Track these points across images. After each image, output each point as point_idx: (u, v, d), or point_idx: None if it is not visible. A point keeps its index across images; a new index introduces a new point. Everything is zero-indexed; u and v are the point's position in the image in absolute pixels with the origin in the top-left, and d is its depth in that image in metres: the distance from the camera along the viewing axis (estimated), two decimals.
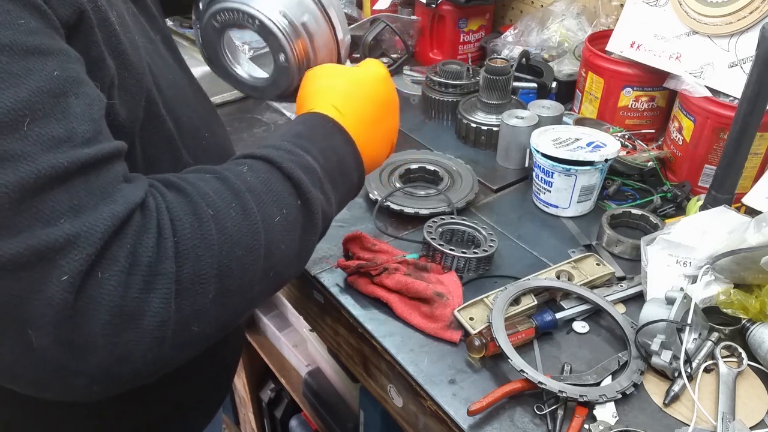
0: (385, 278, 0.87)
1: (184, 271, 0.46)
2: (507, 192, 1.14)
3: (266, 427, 1.77)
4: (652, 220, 1.01)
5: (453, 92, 1.33)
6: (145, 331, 0.45)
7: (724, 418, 0.72)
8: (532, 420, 0.73)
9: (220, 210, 0.50)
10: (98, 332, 0.43)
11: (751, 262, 0.80)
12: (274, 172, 0.55)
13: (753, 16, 1.01)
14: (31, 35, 0.42)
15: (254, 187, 0.53)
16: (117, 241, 0.44)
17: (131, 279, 0.44)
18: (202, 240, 0.48)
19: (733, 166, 0.91)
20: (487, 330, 0.80)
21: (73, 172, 0.42)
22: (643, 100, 1.19)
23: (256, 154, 0.56)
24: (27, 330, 0.41)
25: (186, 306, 0.47)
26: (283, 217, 0.55)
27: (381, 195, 1.04)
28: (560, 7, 1.41)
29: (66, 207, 0.42)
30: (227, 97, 1.39)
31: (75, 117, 0.43)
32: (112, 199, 0.44)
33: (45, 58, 0.42)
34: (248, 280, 0.52)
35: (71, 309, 0.42)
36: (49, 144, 0.41)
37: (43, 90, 0.42)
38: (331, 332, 0.99)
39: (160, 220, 0.47)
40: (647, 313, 0.80)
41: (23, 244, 0.40)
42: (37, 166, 0.40)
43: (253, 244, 0.52)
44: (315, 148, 0.60)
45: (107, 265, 0.43)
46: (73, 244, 0.41)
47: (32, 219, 0.40)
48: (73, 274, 0.41)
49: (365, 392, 1.25)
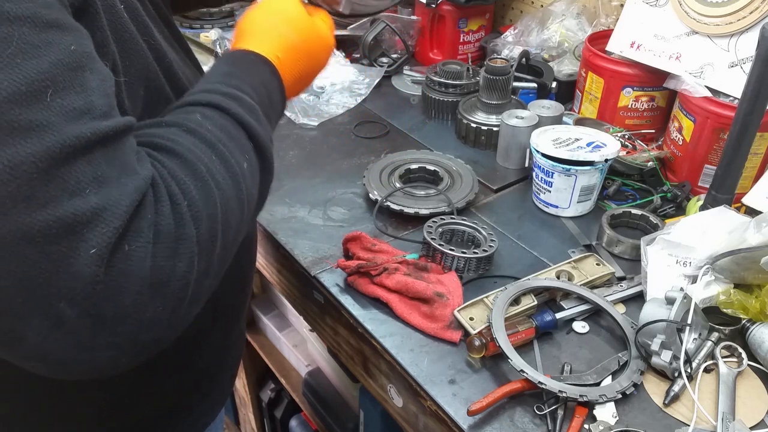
0: (385, 278, 0.87)
1: (201, 231, 0.48)
2: (507, 192, 1.14)
3: (266, 427, 1.77)
4: (652, 220, 1.01)
5: (453, 92, 1.33)
6: (171, 295, 0.46)
7: (724, 418, 0.72)
8: (532, 420, 0.73)
9: (209, 165, 0.51)
10: (129, 303, 0.44)
11: (751, 262, 0.80)
12: (226, 119, 0.56)
13: (753, 16, 1.01)
14: (48, 9, 0.43)
15: (221, 137, 0.54)
16: (140, 213, 0.44)
17: (157, 248, 0.45)
18: (208, 198, 0.49)
19: (733, 166, 0.91)
20: (487, 330, 0.80)
21: (95, 143, 0.43)
22: (643, 100, 1.19)
23: (200, 101, 0.56)
24: (57, 304, 0.41)
25: (203, 264, 0.49)
26: (248, 162, 0.56)
27: (381, 195, 1.04)
28: (560, 7, 1.41)
29: (90, 178, 0.42)
30: None
31: (92, 91, 0.44)
32: (131, 171, 0.45)
33: (62, 32, 0.43)
34: (239, 229, 0.55)
35: (101, 283, 0.42)
36: (71, 115, 0.42)
37: (62, 63, 0.42)
38: (331, 332, 0.99)
39: (169, 188, 0.48)
40: (647, 313, 0.80)
41: (51, 215, 0.40)
42: (62, 135, 0.41)
43: (239, 193, 0.54)
44: (247, 86, 0.61)
45: (134, 238, 0.44)
46: (99, 217, 0.42)
47: (58, 189, 0.41)
48: (101, 247, 0.42)
49: (365, 392, 1.25)
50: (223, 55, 0.66)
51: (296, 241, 0.99)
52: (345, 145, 1.25)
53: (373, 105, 1.40)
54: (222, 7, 1.42)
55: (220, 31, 1.37)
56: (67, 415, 0.67)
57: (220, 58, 0.66)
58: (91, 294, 0.42)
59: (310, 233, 1.01)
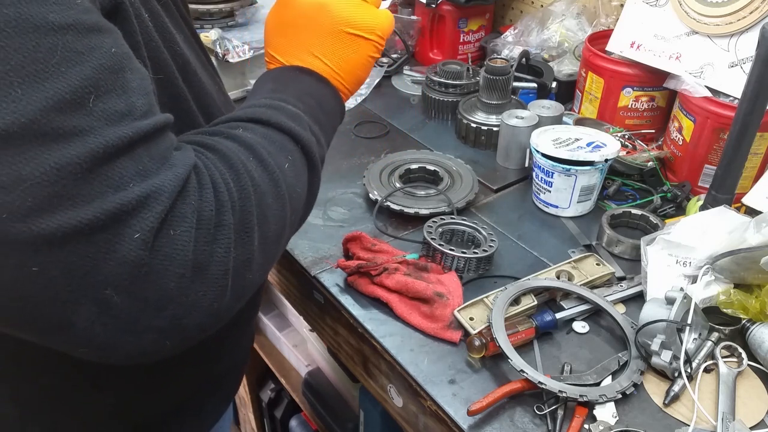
0: (385, 278, 0.87)
1: (236, 221, 0.50)
2: (507, 192, 1.14)
3: (266, 427, 1.77)
4: (652, 220, 1.01)
5: (453, 92, 1.33)
6: (212, 280, 0.48)
7: (724, 418, 0.72)
8: (532, 420, 0.73)
9: (245, 163, 0.53)
10: (172, 286, 0.45)
11: (751, 262, 0.80)
12: (268, 128, 0.58)
13: (753, 16, 1.01)
14: (88, 14, 0.44)
15: (260, 141, 0.56)
16: (182, 199, 0.46)
17: (199, 233, 0.47)
18: (243, 191, 0.51)
19: (733, 166, 0.91)
20: (487, 330, 0.80)
21: (137, 142, 0.44)
22: (643, 100, 1.19)
23: (242, 117, 0.59)
24: (104, 290, 0.43)
25: (240, 254, 0.50)
26: (290, 162, 0.58)
27: (381, 195, 1.04)
28: (560, 7, 1.41)
29: (133, 173, 0.44)
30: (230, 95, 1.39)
31: (133, 91, 0.45)
32: (172, 162, 0.47)
33: (103, 36, 0.44)
34: (280, 226, 0.56)
35: (146, 266, 0.44)
36: (113, 119, 0.43)
37: (104, 67, 0.43)
38: (331, 332, 0.99)
39: (212, 176, 0.50)
40: (647, 313, 0.80)
41: (98, 209, 0.42)
42: (104, 138, 0.42)
43: (277, 191, 0.55)
44: (291, 96, 0.63)
45: (178, 222, 0.46)
46: (143, 204, 0.44)
47: (103, 186, 0.42)
48: (144, 231, 0.43)
49: (365, 392, 1.25)
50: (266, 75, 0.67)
51: (296, 241, 0.99)
52: (345, 145, 1.25)
53: (373, 105, 1.40)
54: (222, 6, 1.42)
55: (220, 31, 1.36)
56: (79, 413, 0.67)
57: (264, 76, 0.67)
58: (136, 278, 0.44)
59: (310, 233, 1.01)
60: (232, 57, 1.35)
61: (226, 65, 1.37)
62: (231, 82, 1.40)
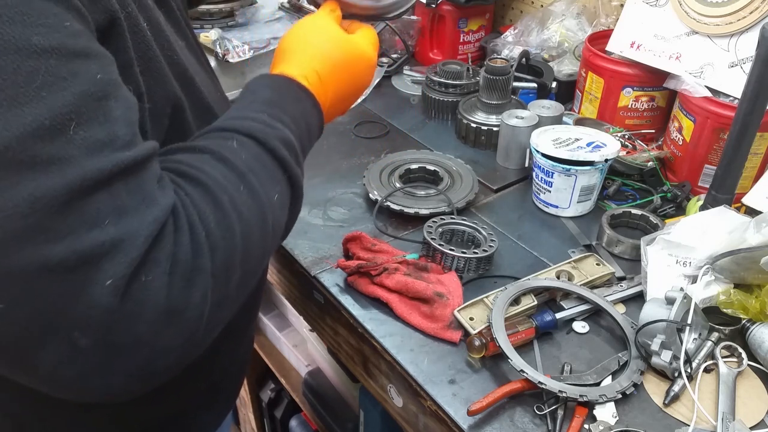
0: (385, 278, 0.87)
1: (216, 263, 0.48)
2: (507, 192, 1.14)
3: (266, 427, 1.77)
4: (652, 220, 1.01)
5: (453, 92, 1.33)
6: (185, 325, 0.46)
7: (724, 418, 0.72)
8: (532, 420, 0.73)
9: (234, 197, 0.51)
10: (143, 332, 0.44)
11: (751, 262, 0.80)
12: (262, 149, 0.56)
13: (753, 16, 1.01)
14: (75, 38, 0.42)
15: (253, 167, 0.54)
16: (158, 243, 0.44)
17: (173, 278, 0.45)
18: (227, 230, 0.49)
19: (733, 166, 0.91)
20: (487, 330, 0.80)
21: (116, 175, 0.43)
22: (643, 100, 1.19)
23: (239, 129, 0.56)
24: (72, 333, 0.42)
25: (217, 294, 0.49)
26: (279, 194, 0.57)
27: (381, 195, 1.04)
28: (560, 7, 1.41)
29: (109, 209, 0.42)
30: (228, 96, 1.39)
31: (116, 120, 0.44)
32: (151, 201, 0.45)
33: (89, 61, 0.43)
34: (261, 260, 0.55)
35: (116, 312, 0.42)
36: (93, 148, 0.42)
37: (87, 93, 0.42)
38: (331, 332, 0.99)
39: (189, 217, 0.48)
40: (647, 313, 0.80)
41: (70, 247, 0.40)
42: (83, 169, 0.41)
43: (264, 225, 0.54)
44: (287, 117, 0.61)
45: (150, 268, 0.44)
46: (117, 247, 0.42)
47: (78, 221, 0.41)
48: (117, 278, 0.42)
49: (365, 392, 1.25)
50: (266, 79, 0.65)
51: (296, 241, 0.99)
52: (345, 145, 1.25)
53: (373, 105, 1.40)
54: (222, 6, 1.42)
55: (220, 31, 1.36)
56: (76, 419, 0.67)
57: (263, 82, 0.65)
58: (105, 323, 0.42)
59: (310, 233, 1.01)
60: (232, 57, 1.35)
61: (226, 65, 1.37)
62: (231, 82, 1.40)
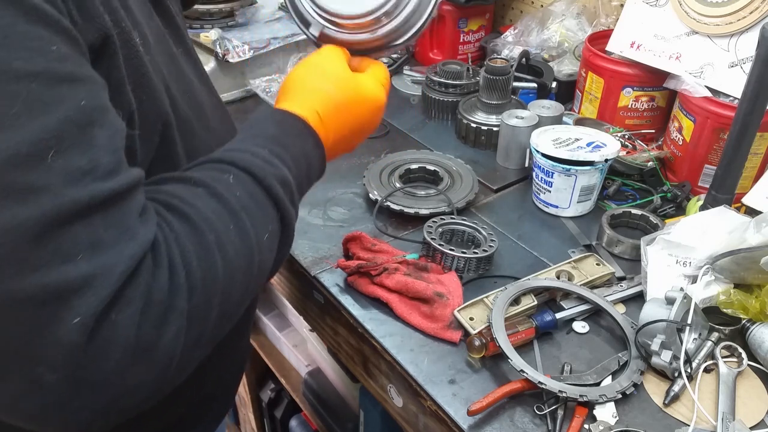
0: (385, 278, 0.87)
1: (193, 304, 0.46)
2: (507, 192, 1.14)
3: (266, 427, 1.77)
4: (652, 220, 1.01)
5: (453, 92, 1.33)
6: (155, 364, 0.45)
7: (724, 418, 0.72)
8: (532, 420, 0.73)
9: (221, 235, 0.50)
10: (110, 370, 0.42)
11: (751, 262, 0.80)
12: (257, 187, 0.55)
13: (753, 16, 1.01)
14: (62, 62, 0.41)
15: (246, 204, 0.53)
16: (132, 281, 0.43)
17: (145, 317, 0.43)
18: (209, 271, 0.48)
19: (733, 166, 0.91)
20: (487, 330, 0.80)
21: (94, 207, 0.41)
22: (643, 100, 1.19)
23: (237, 163, 0.55)
24: (36, 368, 0.40)
25: (192, 335, 0.47)
26: (270, 233, 0.55)
27: (381, 195, 1.04)
28: (560, 7, 1.41)
29: (85, 243, 0.41)
30: (227, 97, 1.39)
31: (99, 148, 0.42)
32: (130, 236, 0.43)
33: (75, 86, 0.42)
34: (243, 300, 0.53)
35: (82, 350, 0.41)
36: (72, 177, 0.40)
37: (71, 120, 0.41)
38: (331, 332, 0.99)
39: (170, 255, 0.46)
40: (647, 313, 0.80)
41: (39, 282, 0.39)
42: (59, 200, 0.39)
43: (249, 266, 0.52)
44: (288, 155, 0.59)
45: (122, 306, 0.42)
46: (89, 284, 0.40)
47: (50, 255, 0.39)
48: (86, 316, 0.40)
49: (365, 392, 1.25)
50: (273, 114, 0.63)
51: (296, 241, 0.98)
52: None
53: None
54: (222, 6, 1.42)
55: (220, 31, 1.36)
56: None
57: (268, 116, 0.63)
58: (71, 360, 0.41)
59: (310, 233, 1.01)
60: (232, 57, 1.35)
61: (226, 65, 1.37)
62: (231, 82, 1.40)
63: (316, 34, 0.74)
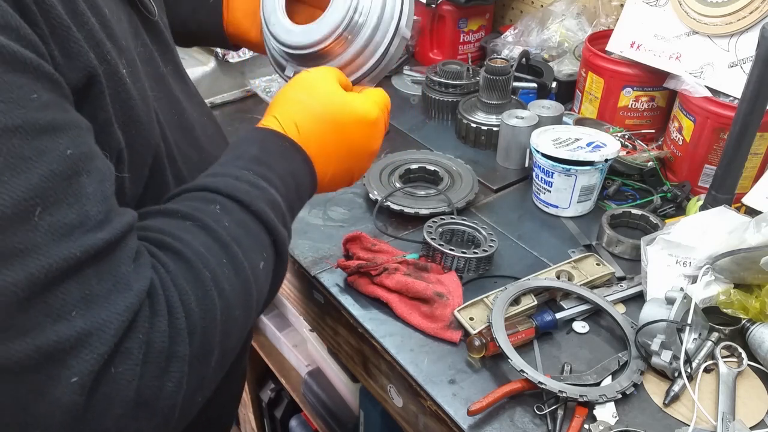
0: (385, 278, 0.87)
1: (194, 347, 0.45)
2: (507, 192, 1.14)
3: (266, 427, 1.77)
4: (652, 220, 1.01)
5: (453, 92, 1.33)
6: (157, 415, 0.43)
7: (724, 418, 0.72)
8: (532, 420, 0.73)
9: (216, 271, 0.48)
10: (110, 426, 0.41)
11: (751, 262, 0.80)
12: (246, 213, 0.53)
13: (753, 16, 1.01)
14: (43, 111, 0.39)
15: (238, 236, 0.51)
16: (130, 333, 0.41)
17: (145, 368, 0.42)
18: (208, 311, 0.46)
19: (733, 166, 0.91)
20: (487, 330, 0.80)
21: (85, 261, 0.39)
22: (643, 100, 1.19)
23: (221, 190, 0.53)
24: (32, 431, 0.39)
25: (194, 380, 0.46)
26: (264, 261, 0.53)
27: (381, 195, 1.04)
28: (560, 7, 1.41)
29: (77, 298, 0.39)
30: (227, 97, 1.39)
31: (87, 198, 0.40)
32: (125, 286, 0.41)
33: (57, 136, 0.39)
34: (242, 335, 0.52)
35: (81, 409, 0.39)
36: (60, 233, 0.38)
37: (55, 173, 0.39)
38: (331, 332, 0.99)
39: (169, 299, 0.44)
40: (647, 313, 0.80)
41: (31, 345, 0.37)
42: (48, 259, 0.37)
43: (247, 300, 0.51)
44: (275, 176, 0.57)
45: (121, 360, 0.40)
46: (84, 342, 0.38)
47: (41, 315, 0.37)
48: (83, 375, 0.38)
49: (365, 392, 1.25)
50: (254, 133, 0.61)
51: (296, 241, 0.99)
52: None
53: None
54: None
55: None
56: None
57: (250, 136, 0.60)
58: (68, 421, 0.39)
59: (310, 233, 1.01)
60: (232, 57, 1.35)
61: (226, 65, 1.37)
62: (231, 82, 1.40)
63: (291, 75, 0.72)
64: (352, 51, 0.70)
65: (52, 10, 0.42)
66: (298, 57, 0.71)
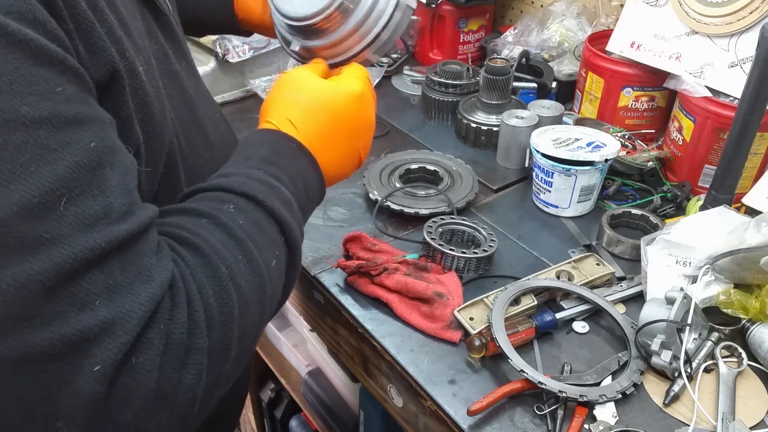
0: (385, 278, 0.87)
1: (212, 340, 0.45)
2: (507, 192, 1.14)
3: (266, 427, 1.77)
4: (652, 220, 1.01)
5: (453, 92, 1.33)
6: (176, 408, 0.44)
7: (724, 418, 0.72)
8: (532, 420, 0.73)
9: (232, 268, 0.48)
10: (131, 417, 0.41)
11: (751, 262, 0.80)
12: (260, 211, 0.54)
13: (753, 16, 1.01)
14: (68, 104, 0.40)
15: (252, 233, 0.52)
16: (152, 322, 0.42)
17: (165, 359, 0.42)
18: (225, 306, 0.47)
19: (733, 166, 0.91)
20: (487, 330, 0.80)
21: (110, 252, 0.40)
22: (643, 100, 1.19)
23: (235, 189, 0.54)
24: (54, 422, 0.39)
25: (212, 374, 0.46)
26: (278, 259, 0.54)
27: (381, 195, 1.04)
28: (560, 7, 1.41)
29: (101, 288, 0.39)
30: (227, 97, 1.39)
31: (111, 191, 0.41)
32: (147, 277, 0.42)
33: (82, 128, 0.40)
34: (258, 332, 0.52)
35: (102, 399, 0.39)
36: (86, 223, 0.39)
37: (80, 164, 0.39)
38: (331, 332, 0.99)
39: (189, 291, 0.45)
40: (647, 313, 0.80)
41: (56, 333, 0.37)
42: (73, 249, 0.38)
43: (261, 297, 0.51)
44: (285, 176, 0.58)
45: (142, 350, 0.41)
46: (108, 331, 0.39)
47: (66, 305, 0.38)
48: (106, 364, 0.39)
49: (365, 392, 1.25)
50: (263, 134, 0.62)
51: None
52: None
53: None
54: None
55: None
56: None
57: (259, 136, 0.61)
58: (90, 411, 0.39)
59: (310, 233, 1.01)
60: (232, 57, 1.35)
61: (226, 65, 1.37)
62: (231, 82, 1.40)
63: (297, 50, 0.74)
64: (354, 20, 0.70)
65: (77, 6, 0.43)
66: (302, 29, 0.71)
